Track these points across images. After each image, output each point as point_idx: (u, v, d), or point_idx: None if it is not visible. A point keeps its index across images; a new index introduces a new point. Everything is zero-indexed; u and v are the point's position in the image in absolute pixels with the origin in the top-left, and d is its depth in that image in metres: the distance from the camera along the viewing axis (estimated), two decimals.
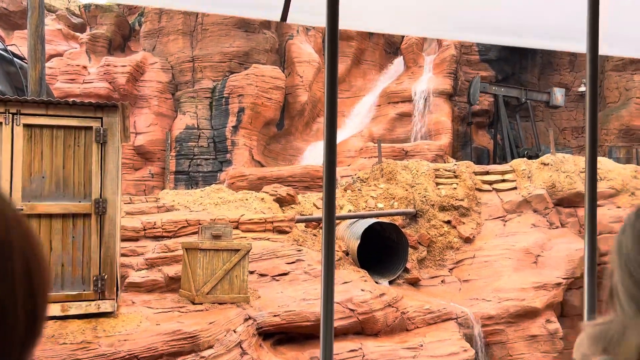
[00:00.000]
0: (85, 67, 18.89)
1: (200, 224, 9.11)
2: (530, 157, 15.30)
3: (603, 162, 12.16)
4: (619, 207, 11.12)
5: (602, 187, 11.32)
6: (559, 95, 19.44)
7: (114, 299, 5.96)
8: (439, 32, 3.31)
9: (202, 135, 17.95)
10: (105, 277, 5.89)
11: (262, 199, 10.89)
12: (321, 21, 2.72)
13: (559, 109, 21.13)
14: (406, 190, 11.87)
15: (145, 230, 8.84)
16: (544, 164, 11.96)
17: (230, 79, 18.13)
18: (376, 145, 17.57)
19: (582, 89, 20.70)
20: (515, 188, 11.79)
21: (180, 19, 19.46)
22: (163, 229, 8.95)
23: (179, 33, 19.44)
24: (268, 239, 9.46)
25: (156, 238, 8.86)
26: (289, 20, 2.27)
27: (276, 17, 2.23)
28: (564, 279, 9.66)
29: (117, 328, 5.73)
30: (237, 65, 18.62)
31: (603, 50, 2.36)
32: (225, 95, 17.99)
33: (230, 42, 18.69)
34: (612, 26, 2.32)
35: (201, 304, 6.84)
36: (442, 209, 11.46)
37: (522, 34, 2.79)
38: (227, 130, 17.71)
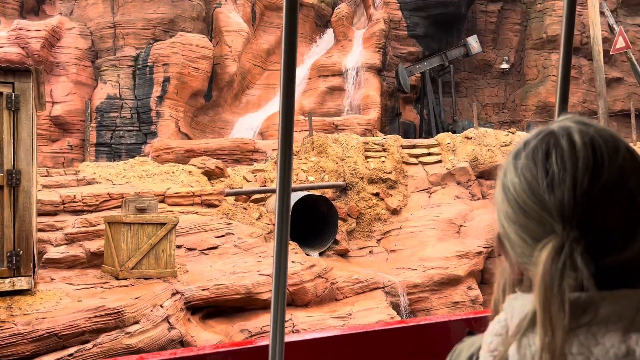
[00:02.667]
0: None
1: (123, 197, 8.76)
2: (453, 131, 15.78)
3: (521, 136, 12.73)
4: None
5: None
6: (473, 42, 20.02)
7: (30, 276, 5.63)
8: None
9: (125, 105, 17.16)
10: (21, 252, 5.55)
11: (190, 172, 10.62)
12: None
13: (482, 85, 21.89)
14: (336, 163, 11.96)
15: (64, 204, 8.40)
16: (467, 138, 12.39)
17: (155, 47, 17.37)
18: (306, 118, 17.53)
19: (504, 66, 21.51)
20: (440, 161, 12.15)
21: None
22: (83, 202, 8.54)
23: None
24: (196, 213, 9.27)
25: (76, 212, 8.45)
26: None
27: None
28: (484, 247, 10.11)
29: (34, 306, 5.44)
30: (162, 33, 17.84)
31: None
32: (149, 64, 17.23)
33: (155, 8, 17.85)
34: None
35: (126, 279, 6.62)
36: (371, 181, 11.65)
37: None
38: (151, 100, 17.02)
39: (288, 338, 1.45)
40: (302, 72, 20.94)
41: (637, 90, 20.86)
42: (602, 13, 17.28)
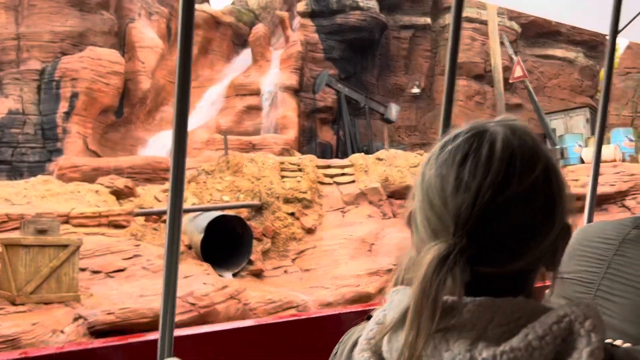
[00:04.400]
0: None
1: (23, 218, 8.28)
2: (367, 153, 16.26)
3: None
4: None
5: None
6: (394, 111, 21.01)
7: None
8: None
9: (28, 121, 16.24)
10: None
11: (97, 191, 10.22)
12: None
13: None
14: (252, 182, 11.95)
15: None
16: (379, 159, 12.82)
17: (63, 60, 16.64)
18: (223, 137, 17.40)
19: (415, 90, 22.50)
20: (354, 181, 12.47)
21: None
22: None
23: (1, 6, 17.36)
24: (103, 234, 8.92)
25: None
26: None
27: None
28: (394, 265, 10.44)
29: None
30: (70, 47, 17.13)
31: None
32: (56, 78, 16.45)
33: (62, 21, 17.13)
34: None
35: (23, 304, 6.24)
36: (287, 201, 11.74)
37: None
38: (57, 116, 16.23)
39: (178, 332, 1.44)
40: (218, 90, 20.82)
41: (535, 116, 22.52)
42: (502, 43, 18.58)
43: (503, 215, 0.65)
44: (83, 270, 7.42)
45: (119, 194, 10.36)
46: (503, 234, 0.65)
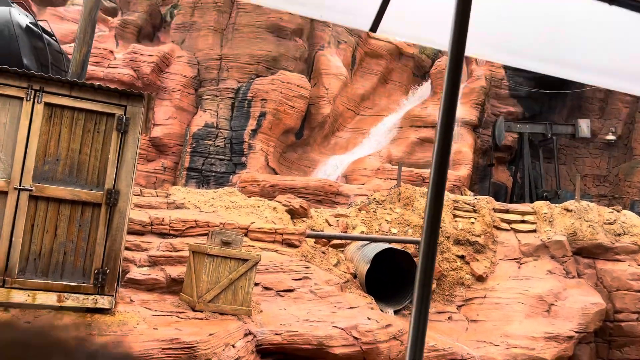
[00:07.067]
0: (112, 52, 18.77)
1: (208, 226, 8.82)
2: (548, 199, 14.91)
3: (628, 216, 11.76)
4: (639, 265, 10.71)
5: (624, 241, 10.92)
6: (584, 126, 18.99)
7: (112, 295, 5.65)
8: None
9: (220, 134, 17.70)
10: (107, 271, 5.60)
11: (275, 208, 10.59)
12: (411, 34, 2.44)
13: (583, 154, 20.73)
14: (422, 218, 11.52)
15: (152, 225, 8.56)
16: (567, 210, 11.58)
17: (256, 82, 17.92)
18: (393, 166, 17.25)
19: (610, 137, 20.31)
20: (534, 231, 11.41)
21: (213, 16, 19.32)
22: (170, 226, 8.66)
23: (210, 29, 19.30)
24: (276, 251, 9.14)
25: (162, 235, 8.56)
26: (378, 32, 2.02)
27: (366, 26, 2.00)
28: (576, 332, 9.25)
29: (112, 327, 5.42)
30: (264, 69, 18.41)
31: None
32: (248, 97, 17.76)
33: (260, 46, 18.51)
34: None
35: (202, 311, 6.53)
36: (457, 242, 11.10)
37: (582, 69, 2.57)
38: (245, 133, 17.46)
39: None
40: (393, 120, 20.82)
41: None
42: None
43: None
44: (256, 285, 7.61)
45: (294, 213, 10.63)
46: None
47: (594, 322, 9.71)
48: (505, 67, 20.28)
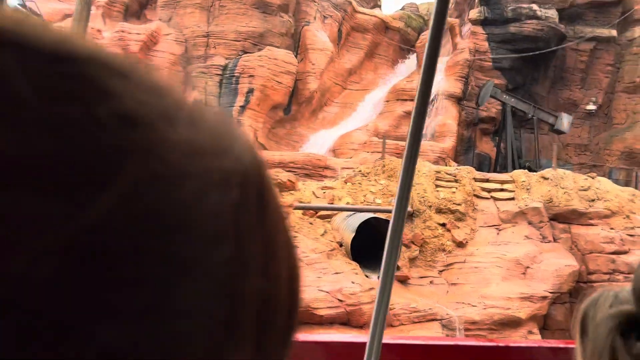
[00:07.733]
0: (99, 31, 18.87)
1: None
2: (530, 170, 15.39)
3: (602, 182, 12.28)
4: (612, 229, 11.25)
5: (598, 207, 11.45)
6: (565, 121, 19.45)
7: None
8: None
9: None
10: None
11: None
12: None
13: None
14: None
15: None
16: (544, 178, 12.07)
17: (243, 58, 18.15)
18: (380, 140, 17.64)
19: (591, 107, 20.76)
20: (513, 198, 11.90)
21: None
22: None
23: (196, 7, 19.40)
24: None
25: None
26: None
27: None
28: (550, 292, 9.81)
29: None
30: (251, 46, 18.62)
31: None
32: (236, 74, 18.01)
33: (247, 22, 18.67)
34: None
35: None
36: (439, 211, 11.58)
37: None
38: (234, 109, 17.76)
39: (386, 339, 1.40)
40: (380, 94, 21.13)
41: None
42: None
43: None
44: None
45: (282, 187, 11.03)
46: None
47: (567, 282, 10.26)
48: (489, 40, 20.56)
